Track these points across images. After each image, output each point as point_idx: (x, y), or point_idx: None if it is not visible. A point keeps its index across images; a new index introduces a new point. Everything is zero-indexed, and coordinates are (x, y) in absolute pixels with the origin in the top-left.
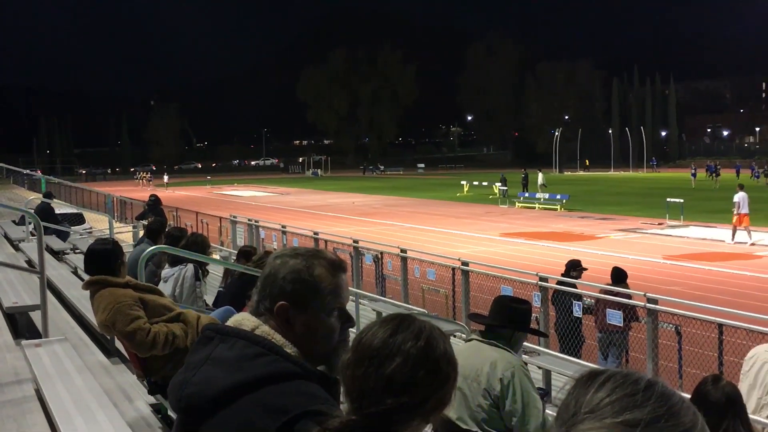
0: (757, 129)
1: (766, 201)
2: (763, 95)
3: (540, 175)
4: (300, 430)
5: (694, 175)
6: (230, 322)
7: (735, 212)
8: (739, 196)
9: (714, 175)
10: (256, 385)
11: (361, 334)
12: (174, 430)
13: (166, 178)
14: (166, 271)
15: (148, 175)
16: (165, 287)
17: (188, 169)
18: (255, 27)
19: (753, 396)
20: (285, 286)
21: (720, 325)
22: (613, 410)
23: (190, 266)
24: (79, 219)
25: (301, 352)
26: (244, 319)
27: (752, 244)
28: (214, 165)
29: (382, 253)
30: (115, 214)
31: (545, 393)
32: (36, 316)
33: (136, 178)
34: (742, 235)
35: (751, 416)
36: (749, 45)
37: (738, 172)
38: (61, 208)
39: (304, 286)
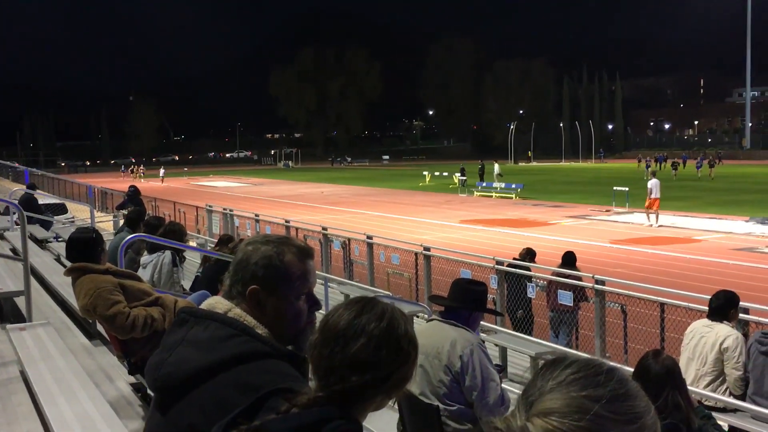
0: (696, 122)
1: (703, 189)
2: (701, 91)
3: (496, 166)
4: (270, 406)
5: (648, 165)
6: (204, 305)
7: (648, 197)
8: (652, 183)
9: (660, 163)
10: (229, 365)
11: (328, 316)
12: (151, 408)
13: (162, 171)
14: (145, 257)
15: (142, 169)
16: (144, 273)
17: (166, 161)
18: (229, 27)
19: (692, 368)
20: (257, 271)
21: (662, 304)
22: (578, 385)
23: (168, 253)
24: (61, 209)
25: (272, 333)
26: (217, 303)
27: (659, 227)
28: (191, 157)
29: (349, 239)
30: (97, 204)
31: (502, 369)
32: (20, 302)
33: (128, 171)
34: (651, 217)
35: (690, 387)
36: (689, 46)
37: (685, 162)
38: (44, 198)
39: (275, 271)
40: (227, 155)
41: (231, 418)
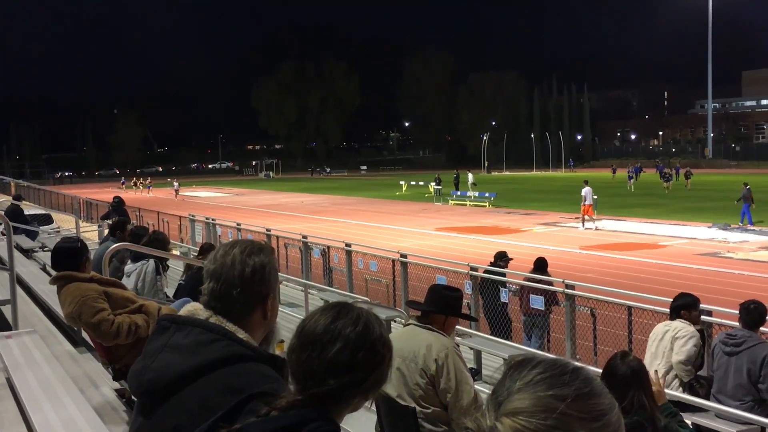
0: (660, 133)
1: (668, 197)
2: (666, 103)
3: (470, 175)
4: (251, 409)
5: (630, 176)
6: (184, 312)
7: (582, 204)
8: (585, 191)
9: (637, 175)
10: (212, 368)
11: (305, 322)
12: (134, 413)
13: (176, 184)
14: (129, 266)
15: (149, 181)
16: (128, 281)
17: (150, 172)
18: (211, 41)
19: (653, 365)
20: (266, 282)
21: (629, 308)
22: (544, 385)
23: (152, 261)
24: (47, 219)
25: (253, 336)
26: (197, 309)
27: (596, 229)
28: (174, 168)
29: (328, 247)
30: (82, 215)
31: (476, 372)
32: (6, 310)
33: (131, 184)
34: (587, 223)
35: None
36: (654, 60)
37: (661, 173)
38: (30, 209)
39: (274, 276)
40: (210, 166)
41: (212, 422)
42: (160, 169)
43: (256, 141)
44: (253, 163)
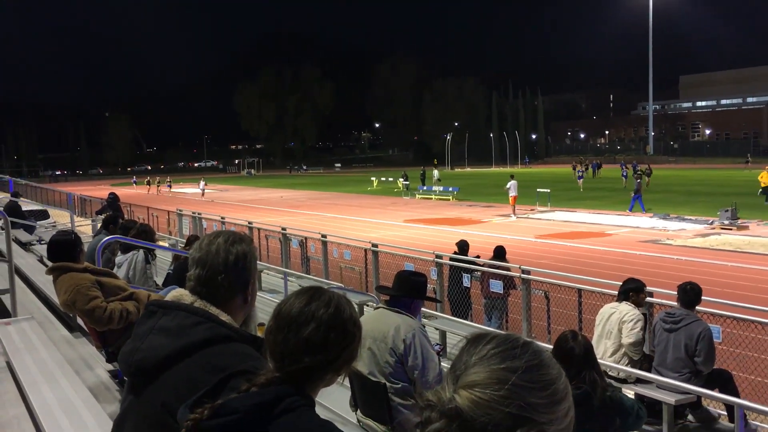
0: (607, 132)
1: (614, 190)
2: (611, 105)
3: (435, 172)
4: (232, 386)
5: (627, 172)
6: (169, 297)
7: (509, 195)
8: (511, 184)
9: (594, 170)
10: (197, 348)
11: (281, 305)
12: (125, 392)
13: (202, 183)
14: (120, 257)
15: (168, 180)
16: (119, 271)
17: (139, 170)
18: (196, 49)
19: (601, 344)
20: (248, 269)
21: (579, 290)
22: (497, 359)
23: (141, 252)
24: (43, 215)
25: (234, 319)
26: (182, 295)
27: (517, 218)
28: (162, 167)
29: (306, 238)
30: (76, 210)
31: (441, 349)
32: (6, 299)
33: (145, 184)
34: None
35: (601, 361)
36: (601, 66)
37: (624, 168)
38: (27, 205)
39: (254, 264)
40: (196, 164)
41: (197, 398)
42: (149, 167)
43: (238, 141)
44: (236, 161)
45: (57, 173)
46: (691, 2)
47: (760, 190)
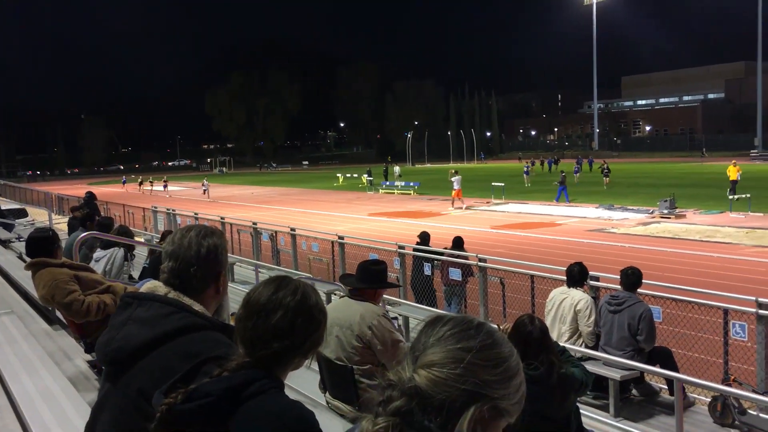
0: (555, 129)
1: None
2: (559, 104)
3: (397, 168)
4: (205, 371)
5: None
6: (144, 289)
7: (453, 189)
8: (456, 178)
9: (550, 165)
10: (172, 337)
11: (250, 294)
12: (102, 380)
13: (205, 182)
14: (98, 253)
15: (165, 180)
16: (97, 266)
17: (113, 170)
18: (170, 54)
19: (555, 327)
20: (219, 261)
21: (531, 276)
22: (453, 339)
23: (121, 250)
24: (22, 213)
25: (207, 309)
26: (156, 287)
27: (466, 208)
28: (137, 166)
29: (276, 232)
30: (54, 208)
31: (402, 334)
32: None
33: (137, 183)
34: (456, 203)
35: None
36: (550, 67)
37: (580, 163)
38: (6, 204)
39: (225, 256)
40: (170, 164)
41: (171, 383)
42: (122, 167)
43: (210, 141)
44: (208, 160)
45: (38, 173)
46: (631, 8)
47: (729, 188)
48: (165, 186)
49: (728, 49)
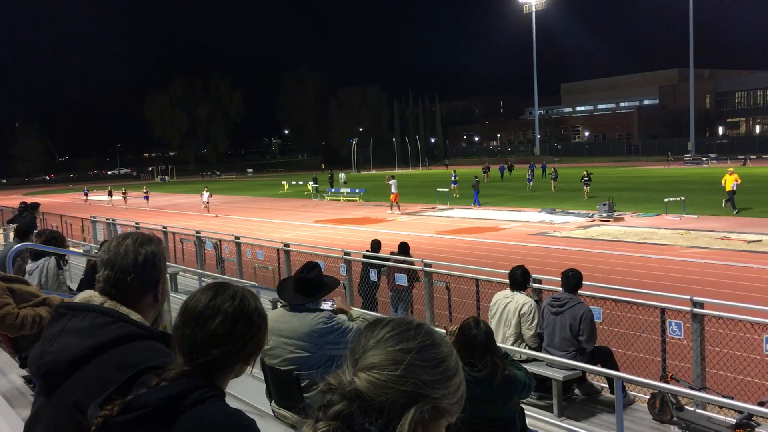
0: (498, 135)
1: (507, 188)
2: (502, 110)
3: (342, 175)
4: (143, 381)
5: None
6: (79, 299)
7: (391, 193)
8: (392, 182)
9: (501, 171)
10: (108, 347)
11: (187, 301)
12: (36, 393)
13: (206, 195)
14: (30, 265)
15: (144, 191)
16: (31, 279)
17: (39, 180)
18: (108, 58)
19: (500, 331)
20: (157, 268)
21: (477, 280)
22: (393, 341)
23: (52, 258)
24: None
25: (145, 318)
26: (92, 296)
27: (400, 214)
28: (71, 176)
29: (220, 240)
30: None
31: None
32: None
33: (121, 194)
34: (394, 208)
35: (500, 345)
36: (492, 74)
37: (532, 168)
38: None
39: (163, 263)
40: (109, 172)
41: (107, 395)
42: (47, 177)
43: (152, 149)
44: (150, 168)
45: None
46: (570, 18)
47: (726, 198)
48: (146, 197)
49: (662, 57)
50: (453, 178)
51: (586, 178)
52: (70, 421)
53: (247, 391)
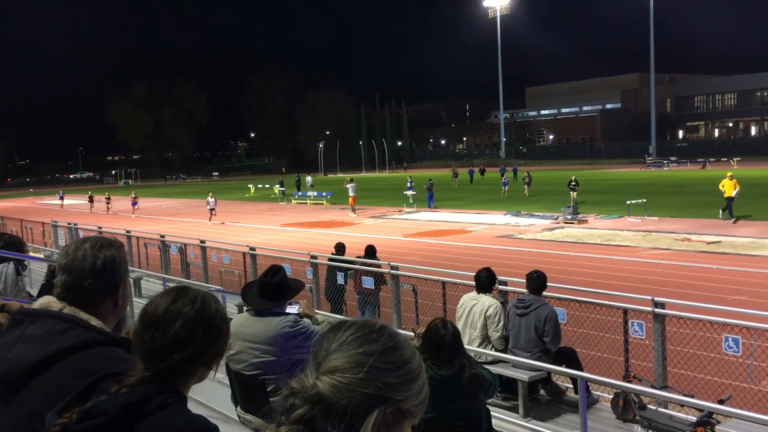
0: (464, 138)
1: (472, 191)
2: (468, 114)
3: (309, 178)
4: (102, 388)
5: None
6: (37, 305)
7: (349, 196)
8: (350, 185)
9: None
10: (67, 354)
11: (147, 306)
12: None
13: (211, 200)
14: None
15: (132, 196)
16: None
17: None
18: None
19: (466, 333)
20: (117, 273)
21: (443, 283)
22: (355, 344)
23: (11, 264)
24: None
25: (106, 323)
26: (50, 302)
27: (356, 217)
28: (28, 180)
29: (185, 244)
30: None
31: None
32: None
33: (105, 199)
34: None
35: (467, 347)
36: (458, 78)
37: (503, 172)
38: None
39: (123, 267)
40: (71, 176)
41: (65, 403)
42: (8, 180)
43: (115, 152)
44: (113, 172)
45: None
46: (534, 22)
47: (723, 207)
48: (134, 203)
49: (624, 62)
50: (409, 184)
51: (573, 183)
52: (28, 430)
53: (212, 396)
